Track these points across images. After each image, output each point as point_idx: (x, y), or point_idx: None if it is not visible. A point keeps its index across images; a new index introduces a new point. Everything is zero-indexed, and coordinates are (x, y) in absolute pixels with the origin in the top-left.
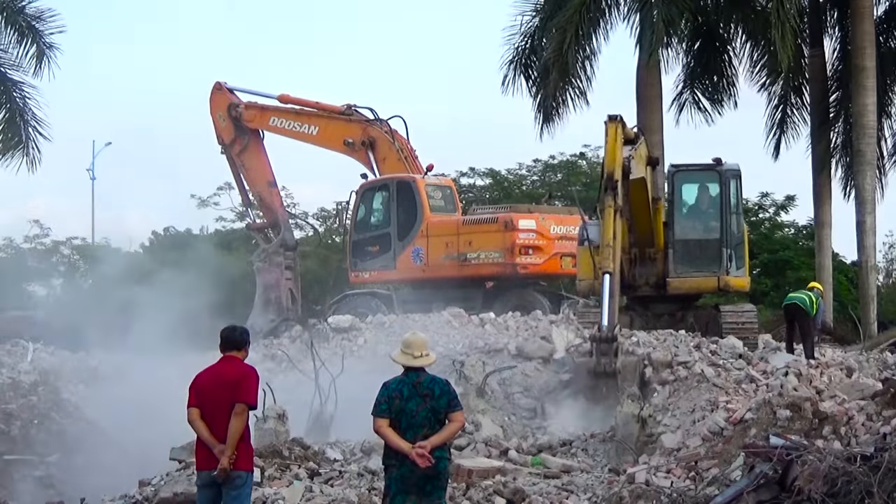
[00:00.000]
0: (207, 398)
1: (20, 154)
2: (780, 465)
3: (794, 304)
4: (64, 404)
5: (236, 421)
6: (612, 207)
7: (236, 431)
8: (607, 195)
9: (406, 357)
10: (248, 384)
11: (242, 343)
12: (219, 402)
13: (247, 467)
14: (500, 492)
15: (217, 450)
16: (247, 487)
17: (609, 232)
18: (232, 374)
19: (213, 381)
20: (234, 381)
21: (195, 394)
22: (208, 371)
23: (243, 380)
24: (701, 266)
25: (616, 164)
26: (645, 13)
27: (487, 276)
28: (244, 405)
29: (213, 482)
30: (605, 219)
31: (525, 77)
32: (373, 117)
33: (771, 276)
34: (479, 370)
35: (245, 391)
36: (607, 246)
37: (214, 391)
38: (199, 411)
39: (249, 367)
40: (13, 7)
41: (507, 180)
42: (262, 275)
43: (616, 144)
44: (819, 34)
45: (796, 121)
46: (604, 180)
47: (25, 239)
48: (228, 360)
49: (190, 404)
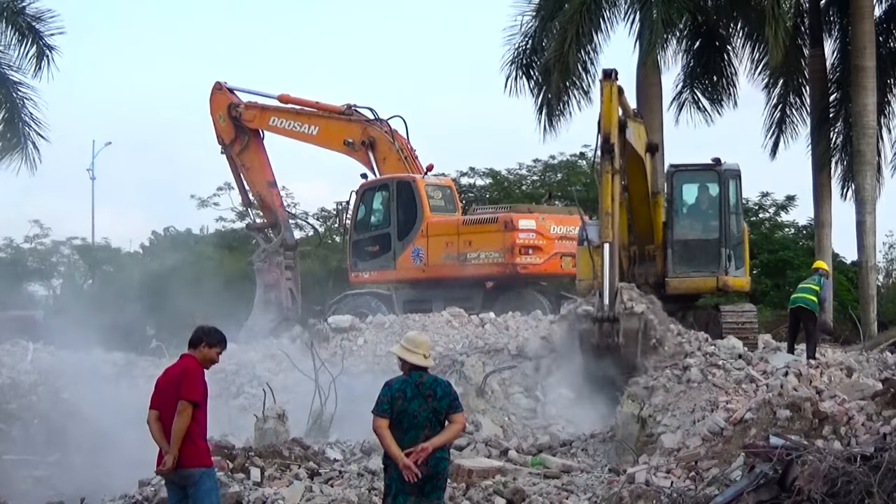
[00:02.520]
0: (162, 399)
1: (19, 155)
2: (780, 465)
3: (799, 307)
4: (64, 404)
5: (178, 419)
6: (609, 172)
7: (178, 430)
8: (604, 159)
9: (416, 356)
10: (189, 379)
11: (197, 340)
12: (168, 402)
13: (199, 463)
14: (500, 492)
15: (164, 451)
16: (204, 484)
17: (608, 198)
18: (177, 372)
19: (164, 382)
20: (178, 379)
21: (153, 396)
22: (165, 371)
23: (183, 376)
24: (700, 266)
25: (612, 125)
26: (644, 13)
27: (487, 276)
28: (185, 402)
29: (172, 481)
30: (602, 184)
31: (526, 77)
32: (373, 117)
33: (771, 276)
34: (479, 370)
35: (186, 387)
36: (606, 214)
37: (165, 391)
38: (157, 413)
39: (190, 361)
40: (13, 7)
41: (507, 180)
42: (262, 275)
43: (612, 105)
44: (819, 34)
45: (795, 120)
46: (599, 143)
47: (25, 239)
48: (182, 358)
49: (150, 406)
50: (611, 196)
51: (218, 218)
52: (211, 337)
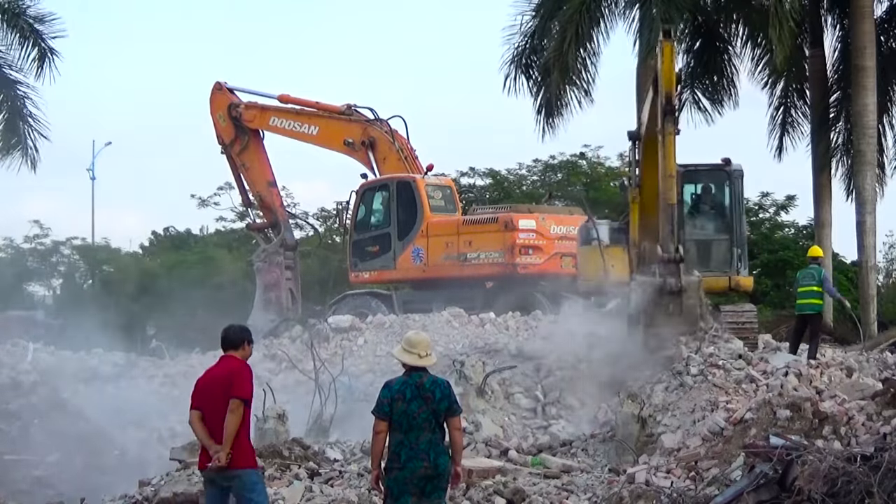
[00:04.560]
0: (206, 399)
1: (19, 154)
2: (780, 465)
3: (807, 313)
4: (64, 404)
5: (231, 417)
6: (672, 133)
7: (232, 427)
8: (667, 120)
9: (412, 357)
10: (240, 379)
11: (239, 341)
12: (215, 401)
13: (246, 464)
14: (500, 492)
15: (213, 451)
16: (257, 485)
17: (671, 160)
18: (225, 372)
19: (209, 382)
20: (226, 379)
21: (195, 396)
22: (207, 372)
23: (235, 375)
24: (712, 266)
25: (674, 84)
26: (644, 12)
27: (487, 276)
28: (238, 400)
29: (214, 480)
30: (666, 145)
31: (526, 77)
32: (373, 117)
33: (771, 276)
34: (479, 370)
35: (237, 386)
36: (670, 176)
37: (210, 391)
38: (200, 413)
39: (240, 362)
40: (15, 9)
41: (507, 180)
42: (262, 275)
43: (671, 65)
44: (819, 34)
45: (800, 121)
46: (661, 104)
47: (25, 239)
48: (225, 359)
49: (191, 407)
50: (673, 158)
51: (218, 218)
52: (250, 334)
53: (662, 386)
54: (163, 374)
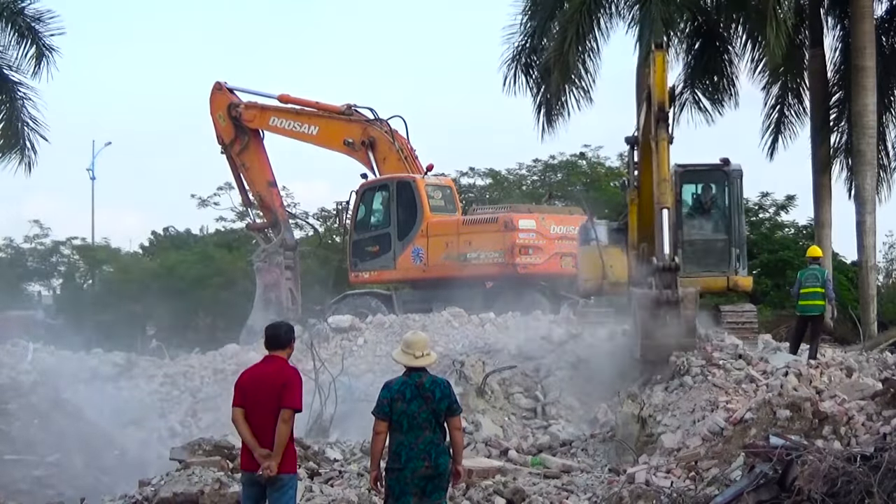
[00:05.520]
0: (250, 398)
1: (17, 155)
2: (780, 465)
3: (810, 314)
4: (64, 404)
5: (283, 427)
6: (665, 140)
7: (283, 437)
8: (660, 127)
9: (407, 357)
10: (293, 389)
11: (287, 342)
12: (261, 403)
13: (291, 469)
14: (500, 492)
15: (257, 453)
16: (291, 489)
17: (665, 166)
18: (275, 377)
19: (255, 381)
20: (278, 385)
21: (239, 393)
22: (252, 370)
23: (288, 384)
24: (710, 266)
25: (665, 93)
26: (644, 12)
27: (487, 277)
28: (291, 411)
29: (255, 482)
30: (659, 152)
31: (526, 76)
32: (373, 117)
33: (771, 276)
34: (479, 370)
35: (290, 396)
36: (664, 181)
37: (257, 392)
38: (244, 411)
39: (292, 371)
40: (13, 8)
41: (507, 180)
42: (262, 275)
43: (663, 74)
44: (819, 34)
45: (793, 121)
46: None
47: (25, 239)
48: (272, 359)
49: (234, 403)
50: (667, 164)
51: (218, 218)
52: (294, 333)
53: (662, 386)
54: (163, 374)
